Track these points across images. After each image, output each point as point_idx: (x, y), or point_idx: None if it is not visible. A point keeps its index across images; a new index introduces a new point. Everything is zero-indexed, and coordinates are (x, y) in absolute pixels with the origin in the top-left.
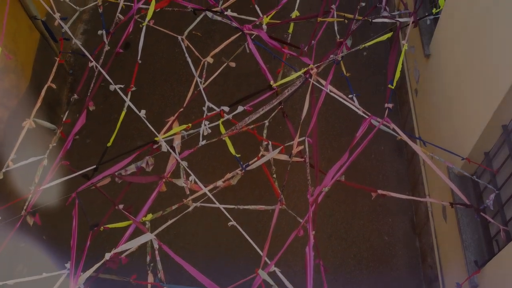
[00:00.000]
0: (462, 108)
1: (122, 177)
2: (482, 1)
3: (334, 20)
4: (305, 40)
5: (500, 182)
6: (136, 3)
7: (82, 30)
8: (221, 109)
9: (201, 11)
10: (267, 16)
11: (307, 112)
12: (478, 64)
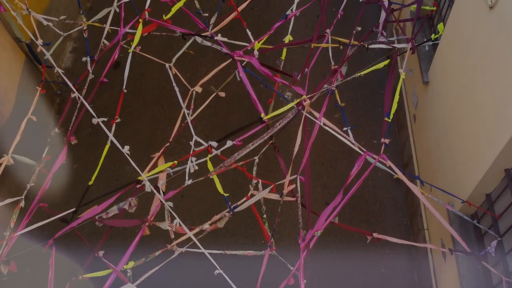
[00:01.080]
0: (463, 145)
1: (103, 221)
2: (485, 27)
3: (329, 46)
4: (298, 65)
5: (503, 228)
6: (122, 28)
7: (71, 48)
8: (208, 144)
9: (190, 35)
10: (258, 41)
11: (299, 146)
12: (480, 98)
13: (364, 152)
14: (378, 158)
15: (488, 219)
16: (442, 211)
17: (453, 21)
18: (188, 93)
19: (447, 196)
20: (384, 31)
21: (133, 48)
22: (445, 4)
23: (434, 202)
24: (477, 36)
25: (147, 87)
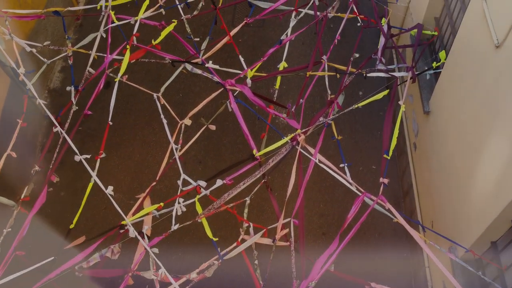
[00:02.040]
0: (467, 189)
1: (83, 271)
2: (491, 66)
3: (325, 74)
4: (293, 93)
5: (510, 279)
6: (109, 55)
7: (60, 67)
8: (197, 184)
9: (180, 62)
10: (251, 68)
11: (294, 184)
12: (486, 140)
13: (362, 193)
14: (377, 200)
15: (493, 266)
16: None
17: (456, 54)
18: (178, 122)
19: (451, 235)
20: (383, 57)
21: (120, 77)
22: (447, 30)
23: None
24: (482, 74)
25: (138, 108)
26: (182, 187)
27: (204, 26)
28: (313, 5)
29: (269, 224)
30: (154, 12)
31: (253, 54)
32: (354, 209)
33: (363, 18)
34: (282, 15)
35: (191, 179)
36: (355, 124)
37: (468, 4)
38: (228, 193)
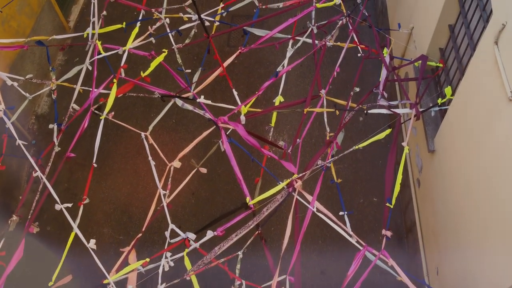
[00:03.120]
0: (477, 241)
1: None
2: (503, 117)
3: (323, 110)
4: (290, 128)
5: None
6: (94, 90)
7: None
8: (186, 237)
9: (170, 97)
10: (245, 104)
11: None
12: (499, 186)
13: (363, 247)
14: (379, 255)
15: None
16: None
17: (464, 95)
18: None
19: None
20: (385, 91)
21: (105, 115)
22: (453, 63)
23: None
24: (493, 125)
25: (129, 134)
26: (170, 239)
27: (196, 55)
28: (311, 33)
29: (263, 281)
30: (143, 42)
31: (249, 76)
32: (354, 266)
33: (364, 48)
34: (278, 44)
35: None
36: (355, 153)
37: (477, 42)
38: (219, 246)
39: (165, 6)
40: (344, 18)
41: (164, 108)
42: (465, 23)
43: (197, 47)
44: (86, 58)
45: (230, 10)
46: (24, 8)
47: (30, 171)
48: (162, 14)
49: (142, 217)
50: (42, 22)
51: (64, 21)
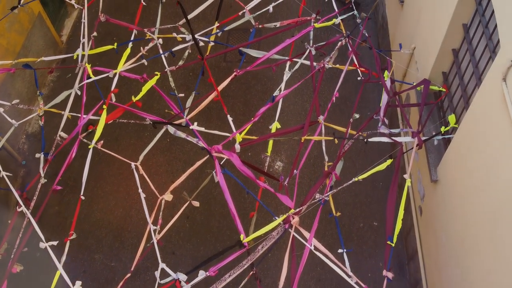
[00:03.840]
0: (481, 276)
1: None
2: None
3: (322, 138)
4: (288, 149)
5: None
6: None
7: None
8: (177, 278)
9: (162, 124)
10: (240, 132)
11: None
12: (507, 225)
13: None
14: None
15: None
16: None
17: (469, 127)
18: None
19: None
20: (386, 117)
21: (94, 144)
22: (457, 90)
23: None
24: (502, 163)
25: (123, 155)
26: (160, 279)
27: (192, 70)
28: (309, 55)
29: None
30: (135, 64)
31: (246, 93)
32: None
33: (364, 70)
34: (275, 65)
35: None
36: (355, 174)
37: (483, 72)
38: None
39: (158, 26)
40: (344, 39)
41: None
42: (469, 50)
43: (194, 56)
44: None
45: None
46: (14, 25)
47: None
48: (155, 34)
49: (134, 242)
50: (33, 38)
51: (56, 36)
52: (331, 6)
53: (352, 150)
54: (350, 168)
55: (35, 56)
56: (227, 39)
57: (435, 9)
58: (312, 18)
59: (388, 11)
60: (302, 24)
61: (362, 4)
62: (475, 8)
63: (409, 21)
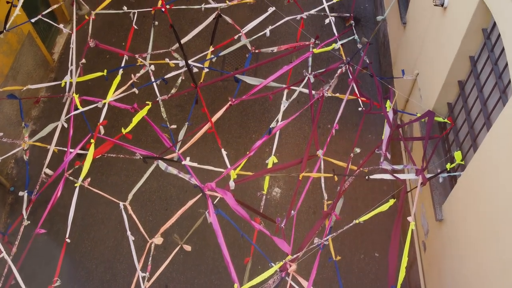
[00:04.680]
0: None
1: None
2: None
3: (321, 175)
4: (283, 193)
5: None
6: (68, 152)
7: (29, 131)
8: None
9: (153, 159)
10: (235, 168)
11: None
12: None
13: None
14: None
15: None
16: None
17: (479, 168)
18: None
19: None
20: (388, 152)
21: (81, 182)
22: (464, 124)
23: None
24: (510, 203)
25: (114, 180)
26: None
27: (184, 97)
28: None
29: None
30: (125, 93)
31: (243, 114)
32: None
33: (365, 100)
34: (272, 94)
35: None
36: (355, 200)
37: (492, 112)
38: None
39: (150, 51)
40: (344, 66)
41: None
42: (477, 86)
43: (187, 82)
44: (64, 109)
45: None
46: (1, 46)
47: (8, 222)
48: (147, 60)
49: (126, 275)
50: (23, 59)
51: (47, 55)
52: (330, 28)
53: (353, 185)
54: (351, 202)
55: (25, 76)
56: (222, 62)
57: (440, 39)
58: (310, 43)
59: (390, 30)
60: (301, 49)
61: (363, 20)
62: (483, 42)
63: (412, 45)
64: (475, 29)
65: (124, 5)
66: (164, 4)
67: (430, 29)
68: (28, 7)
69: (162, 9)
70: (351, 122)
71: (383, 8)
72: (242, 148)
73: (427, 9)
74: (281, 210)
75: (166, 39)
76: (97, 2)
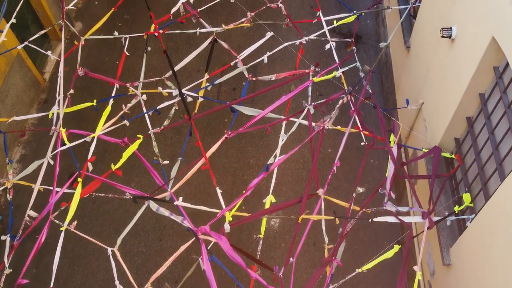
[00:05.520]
0: None
1: None
2: None
3: (322, 218)
4: (283, 212)
5: None
6: (54, 193)
7: (19, 156)
8: None
9: (143, 199)
10: (230, 208)
11: None
12: None
13: None
14: None
15: None
16: None
17: (491, 217)
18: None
19: None
20: (392, 191)
21: (67, 226)
22: (473, 164)
23: None
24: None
25: (106, 208)
26: None
27: (182, 112)
28: (307, 114)
29: None
30: (114, 126)
31: (241, 139)
32: None
33: (368, 134)
34: (270, 126)
35: None
36: (358, 243)
37: (505, 157)
38: None
39: (141, 80)
40: (345, 96)
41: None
42: (488, 127)
43: (181, 111)
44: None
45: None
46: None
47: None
48: (139, 90)
49: None
50: (12, 81)
51: (38, 75)
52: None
53: (355, 226)
54: (353, 244)
55: (14, 99)
56: (218, 88)
57: (446, 71)
58: (310, 71)
59: (393, 51)
60: (300, 77)
61: (364, 37)
62: (494, 80)
63: (416, 72)
64: (486, 67)
65: (118, 22)
66: (157, 29)
67: (435, 58)
68: (18, 26)
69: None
70: (353, 156)
71: (385, 25)
72: (239, 174)
73: (433, 37)
74: (280, 240)
75: (160, 58)
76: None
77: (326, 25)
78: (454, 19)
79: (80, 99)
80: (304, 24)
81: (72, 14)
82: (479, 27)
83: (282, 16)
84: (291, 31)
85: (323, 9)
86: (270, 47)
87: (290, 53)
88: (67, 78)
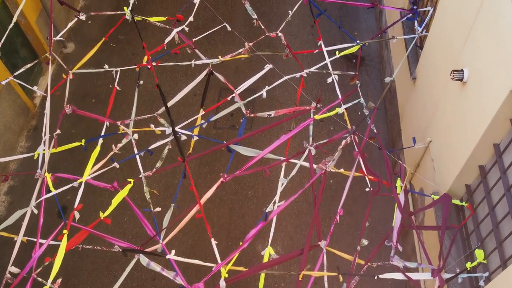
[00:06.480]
0: None
1: None
2: None
3: (324, 274)
4: (284, 237)
5: None
6: (37, 247)
7: (6, 188)
8: None
9: (133, 252)
10: (227, 262)
11: None
12: None
13: None
14: None
15: None
16: None
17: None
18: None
19: None
20: (399, 244)
21: (50, 285)
22: (487, 217)
23: None
24: None
25: (92, 261)
26: None
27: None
28: (308, 156)
29: None
30: (103, 170)
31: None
32: None
33: (373, 179)
34: (268, 168)
35: None
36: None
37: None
38: None
39: (133, 117)
40: (349, 136)
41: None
42: (504, 182)
43: (175, 150)
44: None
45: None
46: None
47: None
48: (129, 128)
49: None
50: (0, 110)
51: (27, 101)
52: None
53: (360, 282)
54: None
55: (2, 129)
56: (214, 124)
57: (457, 115)
58: (312, 108)
59: (398, 81)
60: (300, 115)
61: (367, 58)
62: (511, 133)
63: (423, 107)
64: (502, 119)
65: (112, 43)
66: (150, 61)
67: (445, 98)
68: (7, 51)
69: (148, 66)
70: (357, 203)
71: (388, 49)
72: (237, 207)
73: (441, 74)
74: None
75: (154, 88)
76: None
77: (328, 56)
78: (466, 60)
79: (72, 126)
80: (305, 56)
81: (64, 35)
82: (494, 75)
83: (282, 44)
84: (291, 59)
85: (324, 29)
86: (270, 77)
87: (290, 87)
88: (59, 103)
